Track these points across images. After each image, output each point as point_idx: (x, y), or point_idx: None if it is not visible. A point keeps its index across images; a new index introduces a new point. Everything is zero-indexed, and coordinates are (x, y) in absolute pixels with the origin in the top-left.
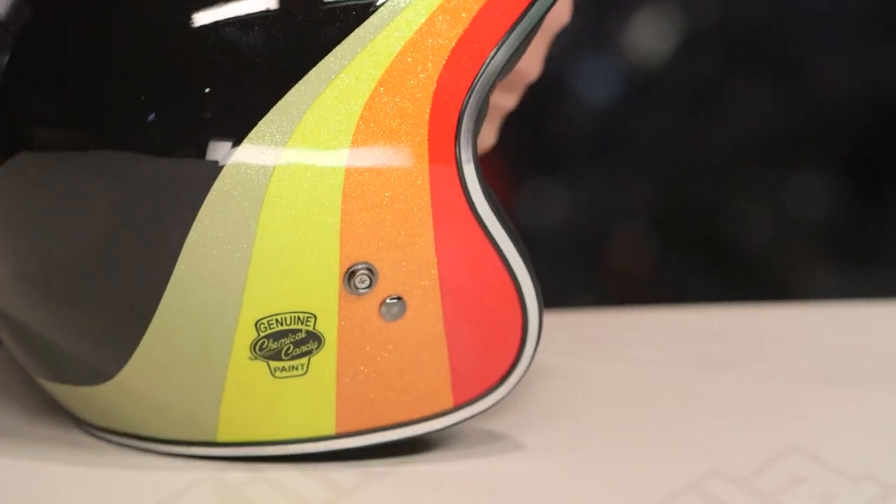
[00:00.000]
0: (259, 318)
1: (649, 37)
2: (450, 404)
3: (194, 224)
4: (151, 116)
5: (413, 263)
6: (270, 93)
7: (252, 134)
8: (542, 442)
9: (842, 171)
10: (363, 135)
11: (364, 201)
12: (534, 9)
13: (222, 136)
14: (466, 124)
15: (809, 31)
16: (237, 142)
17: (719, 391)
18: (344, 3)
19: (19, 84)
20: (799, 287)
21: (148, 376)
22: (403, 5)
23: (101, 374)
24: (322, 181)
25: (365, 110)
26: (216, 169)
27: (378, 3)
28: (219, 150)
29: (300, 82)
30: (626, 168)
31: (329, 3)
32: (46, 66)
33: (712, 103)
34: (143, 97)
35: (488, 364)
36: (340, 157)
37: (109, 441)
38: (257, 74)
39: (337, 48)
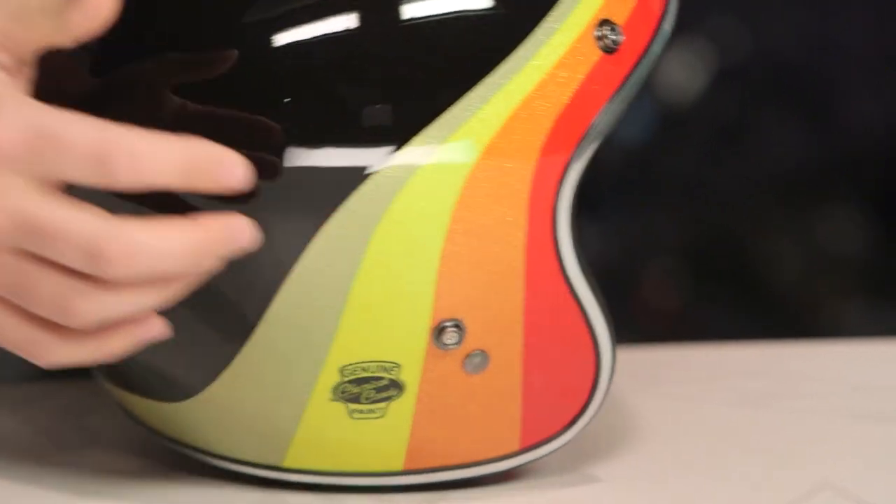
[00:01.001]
0: (345, 364)
1: (679, 73)
2: (516, 447)
3: (303, 254)
4: None
5: (501, 321)
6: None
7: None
8: (576, 478)
9: (873, 207)
10: (467, 198)
11: (461, 261)
12: (637, 72)
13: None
14: (567, 188)
15: (840, 66)
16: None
17: (750, 428)
18: (463, 58)
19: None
20: (830, 323)
21: (228, 399)
22: (512, 74)
23: (183, 392)
24: (423, 240)
25: (471, 175)
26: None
27: (489, 72)
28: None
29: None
30: (656, 205)
31: (441, 60)
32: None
33: (742, 139)
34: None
35: (558, 411)
36: (443, 219)
37: (175, 450)
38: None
39: (441, 117)
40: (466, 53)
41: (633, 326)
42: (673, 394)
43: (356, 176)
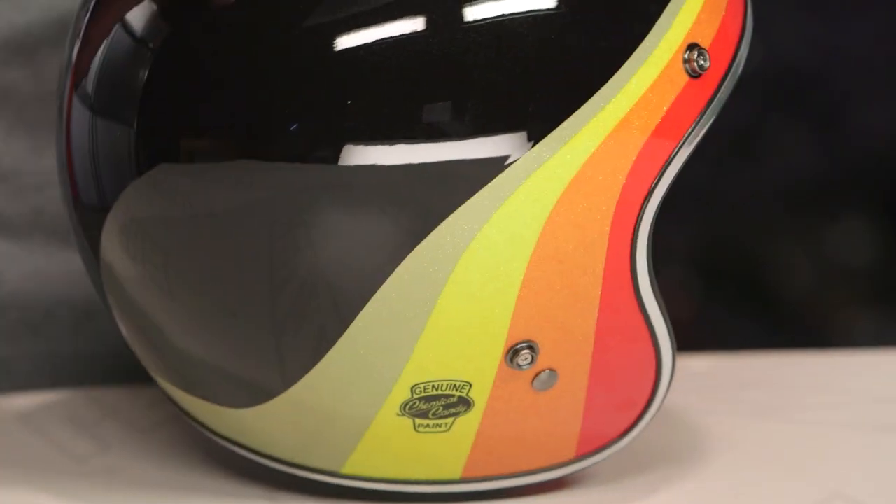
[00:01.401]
0: (417, 382)
1: None
2: (571, 456)
3: (398, 267)
4: (294, 126)
5: (573, 342)
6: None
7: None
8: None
9: (884, 217)
10: (552, 224)
11: (541, 285)
12: (719, 94)
13: None
14: (647, 217)
15: (851, 75)
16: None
17: (759, 438)
18: (560, 85)
19: (160, 98)
20: (840, 334)
21: (297, 408)
22: (606, 101)
23: (254, 398)
24: (507, 265)
25: (559, 202)
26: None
27: (585, 100)
28: None
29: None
30: (666, 214)
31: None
32: (187, 79)
33: (753, 148)
34: (286, 110)
35: (615, 422)
36: (528, 244)
37: (232, 451)
38: None
39: (536, 147)
40: (564, 80)
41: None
42: (681, 403)
43: (454, 199)
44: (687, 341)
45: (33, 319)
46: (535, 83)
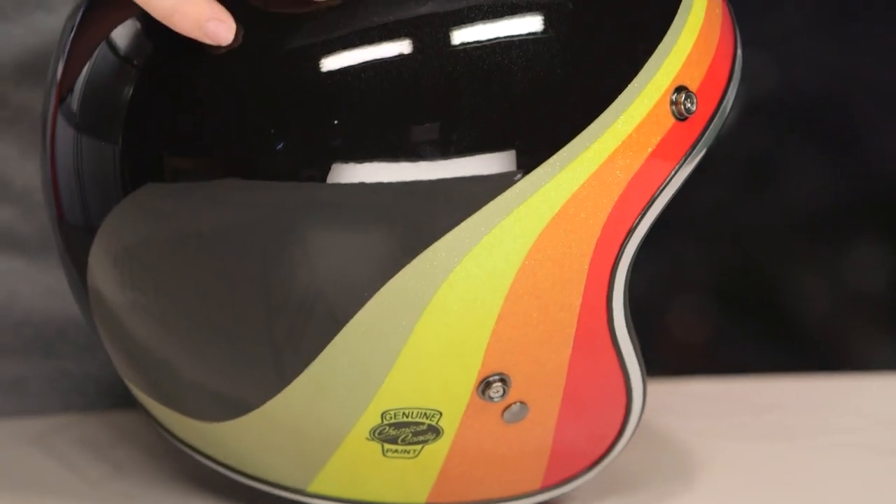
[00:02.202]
0: (387, 409)
1: None
2: (538, 486)
3: (381, 290)
4: (280, 146)
5: (545, 376)
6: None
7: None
8: None
9: None
10: (532, 260)
11: (517, 320)
12: (703, 137)
13: None
14: (626, 254)
15: (868, 101)
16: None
17: (778, 462)
18: (546, 124)
19: (144, 116)
20: (858, 358)
21: (269, 424)
22: (591, 140)
23: (228, 412)
24: (484, 298)
25: (539, 239)
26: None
27: (571, 139)
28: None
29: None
30: (683, 238)
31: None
32: (172, 97)
33: (770, 173)
34: (272, 129)
35: (582, 454)
36: (506, 279)
37: (199, 461)
38: None
39: (517, 185)
40: (552, 115)
41: (660, 360)
42: (700, 428)
43: (436, 228)
44: (704, 365)
45: (47, 338)
46: (522, 117)
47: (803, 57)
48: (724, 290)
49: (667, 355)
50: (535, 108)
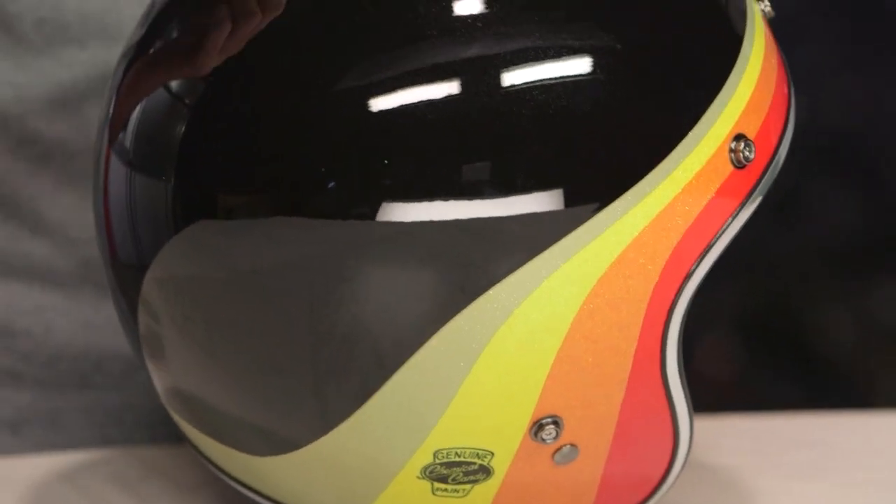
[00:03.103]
0: (440, 448)
1: None
2: None
3: (442, 328)
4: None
5: (597, 420)
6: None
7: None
8: None
9: None
10: (590, 305)
11: (573, 363)
12: (761, 183)
13: None
14: (682, 300)
15: (894, 137)
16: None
17: (803, 499)
18: (609, 168)
19: (197, 154)
20: (885, 394)
21: (319, 461)
22: (653, 185)
23: (279, 447)
24: (542, 340)
25: (598, 283)
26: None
27: (634, 183)
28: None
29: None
30: (710, 273)
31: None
32: (224, 135)
33: (797, 208)
34: (324, 167)
35: (628, 497)
36: (565, 322)
37: (244, 494)
38: None
39: (580, 228)
40: (612, 161)
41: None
42: (726, 464)
43: (496, 271)
44: (730, 401)
45: (83, 371)
46: (580, 163)
47: (830, 92)
48: (752, 325)
49: (694, 391)
50: (592, 153)
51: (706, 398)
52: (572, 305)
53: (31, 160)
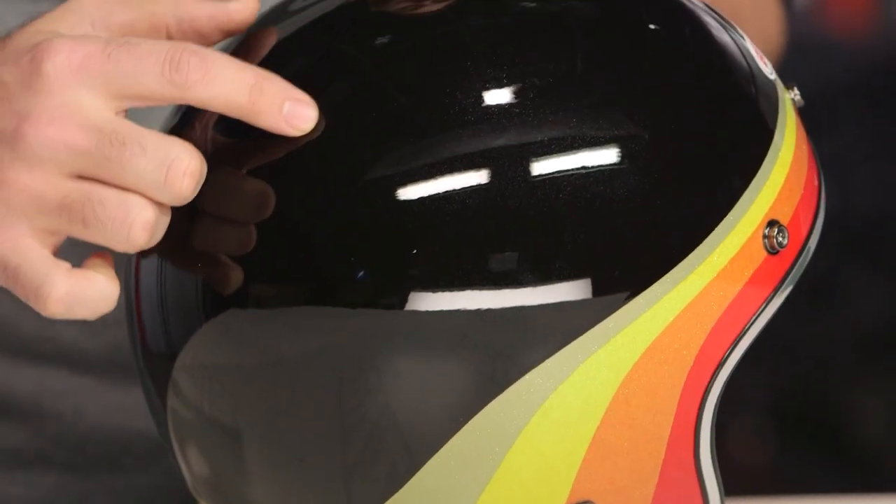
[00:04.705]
0: None
1: None
2: None
3: (471, 420)
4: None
5: (630, 502)
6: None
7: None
8: None
9: None
10: (626, 390)
11: (608, 448)
12: (794, 269)
13: None
14: (716, 385)
15: None
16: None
17: None
18: (645, 255)
19: None
20: None
21: None
22: (688, 271)
23: None
24: (578, 425)
25: (633, 369)
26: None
27: (668, 269)
28: None
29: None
30: (742, 358)
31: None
32: (256, 224)
33: (829, 294)
34: (353, 257)
35: None
36: (600, 407)
37: None
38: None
39: (616, 313)
40: (647, 247)
41: (721, 480)
42: None
43: (532, 356)
44: (764, 486)
45: (112, 454)
46: (615, 250)
47: (861, 177)
48: (784, 412)
49: (727, 476)
50: (626, 240)
51: (737, 482)
52: (608, 390)
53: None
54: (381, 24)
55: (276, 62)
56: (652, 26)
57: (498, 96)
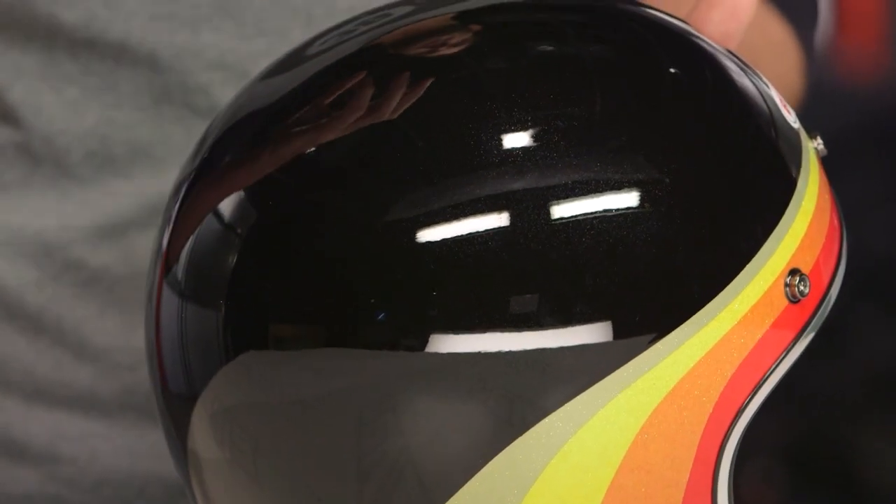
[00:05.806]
0: None
1: None
2: None
3: (490, 463)
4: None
5: None
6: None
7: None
8: None
9: None
10: (645, 435)
11: (626, 493)
12: (815, 318)
13: None
14: (735, 432)
15: None
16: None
17: None
18: (666, 301)
19: (247, 284)
20: None
21: None
22: (709, 318)
23: None
24: (596, 470)
25: (652, 415)
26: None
27: (690, 315)
28: None
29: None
30: (761, 405)
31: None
32: (275, 266)
33: (842, 338)
34: (373, 299)
35: None
36: (619, 452)
37: None
38: None
39: (635, 360)
40: (669, 293)
41: None
42: None
43: (551, 400)
44: None
45: (127, 497)
46: (636, 295)
47: (877, 221)
48: (795, 458)
49: None
50: (648, 285)
51: None
52: (627, 435)
53: (75, 286)
54: (400, 67)
55: (294, 106)
56: (672, 70)
57: (520, 139)
